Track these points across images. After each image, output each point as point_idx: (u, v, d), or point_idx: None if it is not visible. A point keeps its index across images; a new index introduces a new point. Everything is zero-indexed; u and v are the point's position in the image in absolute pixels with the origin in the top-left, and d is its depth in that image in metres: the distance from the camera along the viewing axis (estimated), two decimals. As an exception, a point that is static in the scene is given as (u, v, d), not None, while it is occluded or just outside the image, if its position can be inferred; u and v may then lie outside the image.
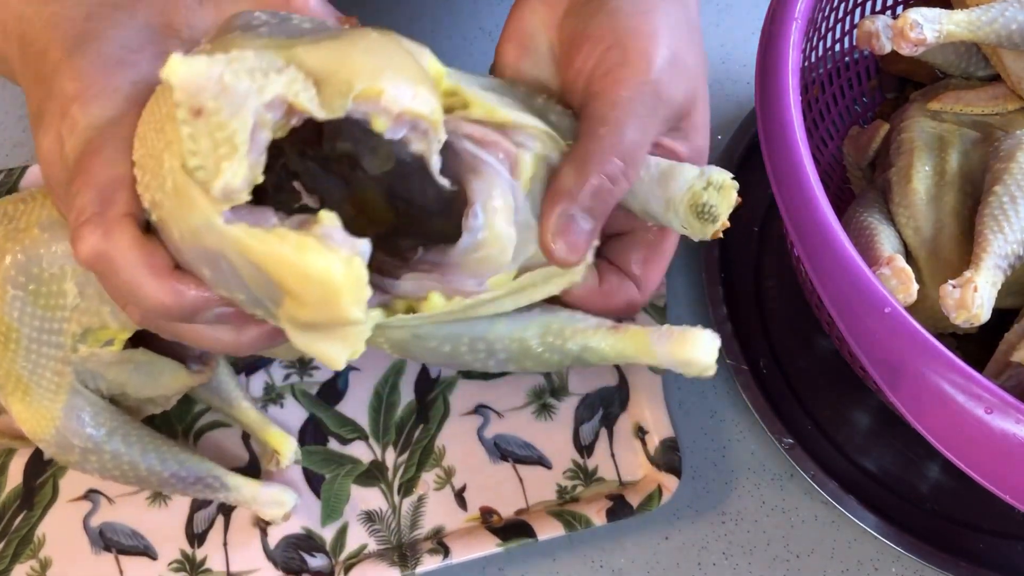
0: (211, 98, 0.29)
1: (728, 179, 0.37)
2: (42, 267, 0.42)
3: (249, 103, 0.29)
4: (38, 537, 0.48)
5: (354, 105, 0.31)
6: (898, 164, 0.50)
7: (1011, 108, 0.50)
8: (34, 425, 0.43)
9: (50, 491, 0.49)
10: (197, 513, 0.49)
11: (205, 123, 0.29)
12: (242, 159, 0.30)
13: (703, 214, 0.37)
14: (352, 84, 0.31)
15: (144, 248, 0.33)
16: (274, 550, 0.49)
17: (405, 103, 0.31)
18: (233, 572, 0.48)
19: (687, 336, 0.36)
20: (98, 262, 0.33)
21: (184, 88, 0.29)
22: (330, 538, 0.49)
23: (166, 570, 0.48)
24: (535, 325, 0.38)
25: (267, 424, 0.50)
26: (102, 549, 0.48)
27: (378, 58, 0.32)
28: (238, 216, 0.31)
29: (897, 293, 0.41)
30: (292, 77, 0.30)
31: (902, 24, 0.45)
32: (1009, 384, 0.43)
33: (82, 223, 0.33)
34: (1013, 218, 0.43)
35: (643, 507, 0.48)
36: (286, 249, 0.30)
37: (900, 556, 0.50)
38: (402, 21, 0.66)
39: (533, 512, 0.49)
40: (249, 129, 0.30)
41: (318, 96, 0.31)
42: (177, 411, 0.50)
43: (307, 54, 0.31)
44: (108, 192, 0.33)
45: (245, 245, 0.31)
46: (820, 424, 0.53)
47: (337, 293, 0.31)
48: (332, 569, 0.48)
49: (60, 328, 0.42)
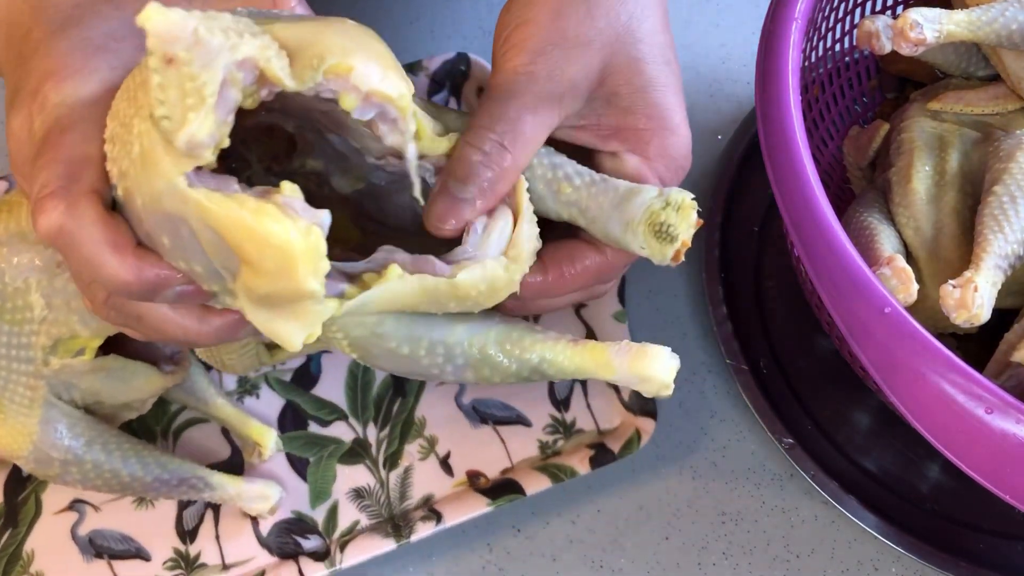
0: (184, 48, 0.29)
1: (688, 199, 0.37)
2: (5, 282, 0.41)
3: (221, 57, 0.29)
4: (27, 553, 0.48)
5: (323, 80, 0.31)
6: (898, 164, 0.50)
7: (1011, 108, 0.50)
8: (10, 442, 0.43)
9: (33, 506, 0.49)
10: (186, 510, 0.49)
11: (176, 72, 0.29)
12: (209, 111, 0.30)
13: (661, 234, 0.37)
14: (324, 58, 0.31)
15: (107, 224, 0.33)
16: (267, 537, 0.49)
17: (374, 83, 0.32)
18: (229, 563, 0.48)
19: (646, 352, 0.37)
20: (59, 236, 0.33)
21: (158, 35, 0.29)
22: (322, 519, 0.49)
23: (161, 570, 0.48)
24: (495, 332, 0.38)
25: (245, 418, 0.50)
26: (94, 556, 0.48)
27: (352, 40, 0.32)
28: (201, 180, 0.31)
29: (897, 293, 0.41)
30: (265, 43, 0.31)
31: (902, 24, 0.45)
32: (1009, 384, 0.43)
33: (45, 196, 0.33)
34: (1013, 218, 0.43)
35: (624, 451, 0.49)
36: (245, 214, 0.30)
37: (900, 556, 0.50)
38: (402, 22, 0.66)
39: (518, 469, 0.50)
40: (218, 82, 0.30)
41: (290, 67, 0.31)
42: (153, 413, 0.50)
43: (283, 29, 0.32)
44: (75, 168, 0.33)
45: (204, 208, 0.31)
46: (820, 424, 0.53)
47: (294, 261, 0.30)
48: (328, 548, 0.48)
49: (29, 342, 0.42)
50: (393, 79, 0.33)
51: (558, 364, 0.38)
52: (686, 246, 0.37)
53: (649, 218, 0.37)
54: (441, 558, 0.50)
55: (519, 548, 0.50)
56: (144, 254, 0.34)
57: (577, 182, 0.38)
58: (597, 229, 0.38)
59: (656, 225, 0.37)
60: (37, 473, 0.44)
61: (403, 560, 0.49)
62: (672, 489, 0.52)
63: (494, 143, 0.36)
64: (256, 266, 0.31)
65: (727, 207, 0.58)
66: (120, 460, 0.45)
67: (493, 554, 0.50)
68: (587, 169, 0.39)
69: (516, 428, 0.52)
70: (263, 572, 0.47)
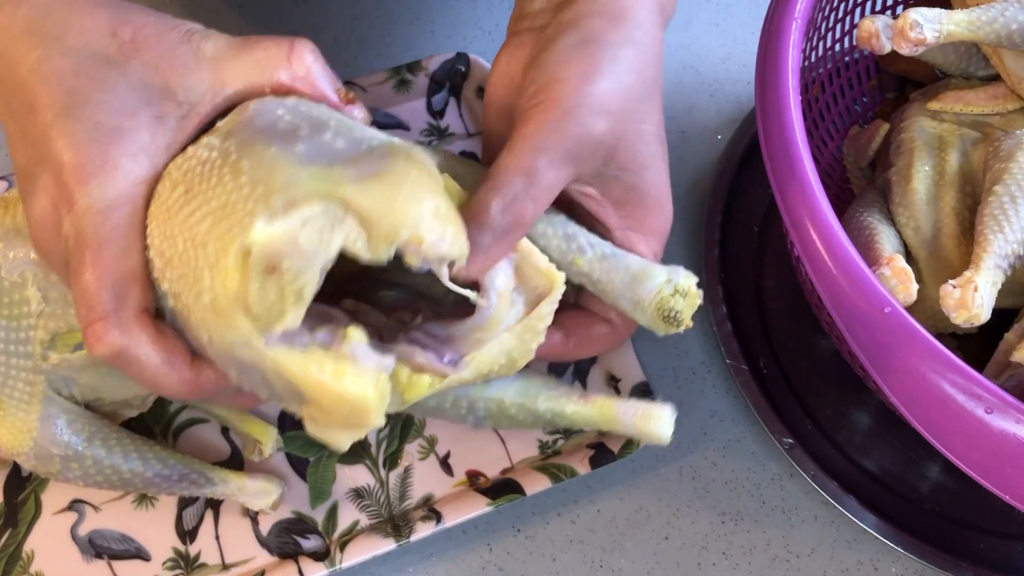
0: (285, 258, 0.31)
1: (693, 286, 0.41)
2: (1, 276, 0.41)
3: (318, 260, 0.32)
4: (27, 553, 0.48)
5: (397, 249, 0.33)
6: (898, 164, 0.50)
7: (1011, 108, 0.50)
8: (10, 440, 0.43)
9: (33, 506, 0.49)
10: (185, 510, 0.49)
11: (277, 279, 0.32)
12: (304, 306, 0.32)
13: (668, 318, 0.41)
14: (399, 233, 0.33)
15: (162, 345, 0.35)
16: (267, 537, 0.49)
17: (443, 250, 0.33)
18: (229, 563, 0.48)
19: (651, 415, 0.42)
20: (118, 359, 0.35)
21: (264, 252, 0.31)
22: (321, 519, 0.49)
23: (161, 570, 0.48)
24: (512, 390, 0.43)
25: (246, 415, 0.50)
26: (94, 557, 0.48)
27: (419, 205, 0.33)
28: (276, 338, 0.33)
29: (897, 293, 0.41)
30: (350, 229, 0.32)
31: (902, 24, 0.45)
32: (1009, 384, 0.43)
33: (97, 320, 0.34)
34: (1013, 218, 0.43)
35: (624, 451, 0.49)
36: (324, 376, 0.33)
37: (900, 556, 0.50)
38: (402, 22, 0.66)
39: (518, 469, 0.50)
40: (316, 284, 0.32)
41: (367, 241, 0.33)
42: (152, 413, 0.50)
43: (357, 195, 0.33)
44: (121, 288, 0.35)
45: (283, 367, 0.33)
46: (820, 424, 0.53)
47: (367, 412, 0.33)
48: (327, 548, 0.48)
49: (27, 337, 0.42)
50: (456, 239, 0.34)
51: (569, 417, 0.43)
52: (688, 326, 0.42)
53: (659, 304, 0.41)
54: (441, 558, 0.50)
55: (519, 548, 0.50)
56: (200, 366, 0.36)
57: (589, 254, 0.41)
58: (607, 298, 0.42)
59: (665, 310, 0.41)
60: (38, 470, 0.44)
61: (403, 560, 0.49)
62: (672, 489, 0.52)
63: (518, 192, 0.37)
64: (328, 412, 0.34)
65: (727, 207, 0.58)
66: (121, 456, 0.45)
67: (493, 554, 0.50)
68: (598, 240, 0.42)
69: (516, 428, 0.52)
70: (263, 572, 0.47)
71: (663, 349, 0.55)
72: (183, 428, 0.51)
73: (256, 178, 0.33)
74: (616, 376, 0.52)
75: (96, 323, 0.34)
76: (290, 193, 0.32)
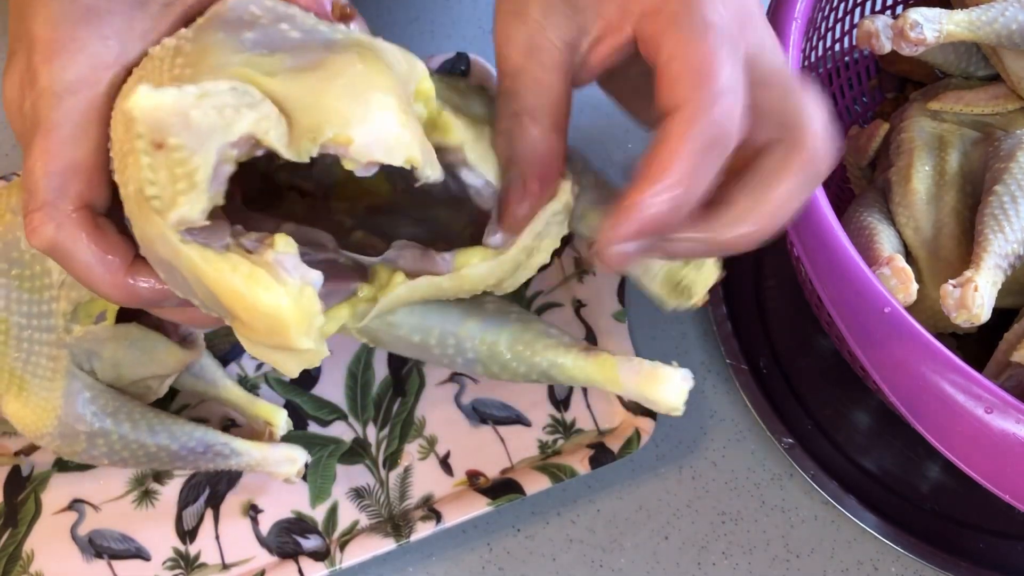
0: (173, 134, 0.28)
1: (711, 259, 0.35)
2: (21, 249, 0.41)
3: (214, 140, 0.28)
4: (27, 553, 0.48)
5: (321, 149, 0.29)
6: (898, 164, 0.50)
7: (1011, 108, 0.50)
8: (34, 420, 0.43)
9: (33, 506, 0.49)
10: (185, 510, 0.49)
11: (165, 157, 0.28)
12: (201, 194, 0.29)
13: (677, 289, 0.36)
14: (322, 130, 0.29)
15: (100, 244, 0.33)
16: (267, 536, 0.49)
17: (376, 155, 0.29)
18: (229, 563, 0.48)
19: (656, 375, 0.36)
20: (53, 252, 0.33)
21: (146, 121, 0.28)
22: (321, 518, 0.49)
23: (161, 569, 0.48)
24: (507, 332, 0.37)
25: (254, 399, 0.50)
26: (94, 556, 0.48)
27: (354, 101, 0.29)
28: (192, 234, 0.30)
29: (897, 293, 0.41)
30: (263, 114, 0.29)
31: (902, 24, 0.45)
32: (1009, 384, 0.43)
33: (34, 210, 0.32)
34: (1014, 218, 0.43)
35: (624, 451, 0.49)
36: (237, 279, 0.29)
37: (900, 556, 0.50)
38: (402, 22, 0.66)
39: (518, 469, 0.50)
40: (211, 166, 0.28)
41: (288, 135, 0.29)
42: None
43: (283, 86, 0.29)
44: (65, 179, 0.33)
45: (196, 267, 0.30)
46: (820, 424, 0.53)
47: (285, 326, 0.30)
48: (328, 548, 0.48)
49: (49, 309, 0.42)
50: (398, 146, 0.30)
51: (567, 371, 0.37)
52: (698, 305, 0.36)
53: (669, 270, 0.36)
54: (441, 558, 0.50)
55: (519, 548, 0.50)
56: (138, 272, 0.33)
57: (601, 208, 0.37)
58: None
59: (675, 279, 0.36)
60: (61, 451, 0.44)
61: (403, 560, 0.49)
62: (672, 489, 0.52)
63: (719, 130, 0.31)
64: (248, 325, 0.31)
65: (727, 207, 0.58)
66: (147, 430, 0.44)
67: (493, 554, 0.50)
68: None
69: (516, 428, 0.52)
70: (263, 572, 0.47)
71: (663, 349, 0.55)
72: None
73: (189, 61, 0.30)
74: None
75: (34, 213, 0.32)
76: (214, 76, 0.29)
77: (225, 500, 0.50)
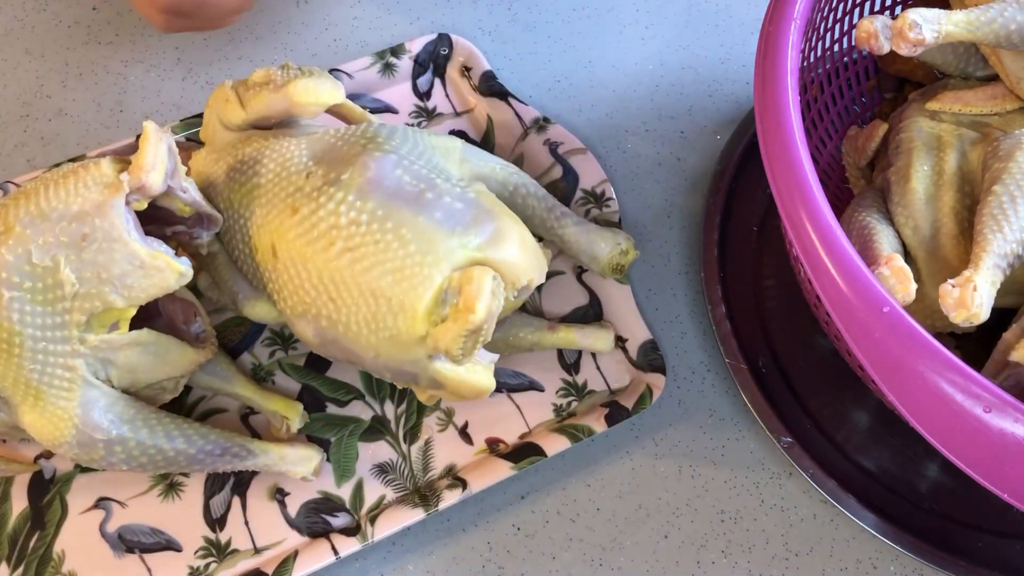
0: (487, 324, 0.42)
1: (632, 247, 0.54)
2: (33, 262, 0.41)
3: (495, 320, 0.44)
4: (57, 554, 0.48)
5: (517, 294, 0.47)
6: (897, 164, 0.50)
7: (1010, 108, 0.50)
8: (52, 430, 0.43)
9: (59, 508, 0.49)
10: (212, 499, 0.50)
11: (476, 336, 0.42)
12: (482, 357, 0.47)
13: (617, 268, 0.54)
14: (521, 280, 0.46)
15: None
16: (296, 518, 0.49)
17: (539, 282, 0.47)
18: (260, 547, 0.48)
19: (594, 334, 0.53)
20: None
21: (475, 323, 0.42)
22: (348, 496, 0.50)
23: (194, 559, 0.48)
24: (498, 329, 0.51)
25: (269, 394, 0.51)
26: (125, 552, 0.48)
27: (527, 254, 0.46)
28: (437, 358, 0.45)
29: (895, 292, 0.41)
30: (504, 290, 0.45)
31: (901, 24, 0.45)
32: (1008, 383, 0.43)
33: None
34: (1012, 217, 0.43)
35: (637, 407, 0.51)
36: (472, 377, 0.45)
37: (899, 555, 0.50)
38: (402, 22, 0.66)
39: (536, 433, 0.51)
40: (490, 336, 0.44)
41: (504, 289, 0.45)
42: (171, 405, 0.50)
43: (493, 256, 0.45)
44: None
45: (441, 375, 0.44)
46: (819, 423, 0.53)
47: (488, 391, 0.46)
48: (358, 523, 0.49)
49: (63, 321, 0.42)
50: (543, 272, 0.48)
51: (545, 344, 0.53)
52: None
53: (611, 259, 0.53)
54: (441, 556, 0.50)
55: (519, 547, 0.50)
56: None
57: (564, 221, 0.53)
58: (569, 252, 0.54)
59: (615, 264, 0.54)
60: (80, 459, 0.44)
61: (403, 559, 0.49)
62: (671, 488, 0.52)
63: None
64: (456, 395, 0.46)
65: (726, 206, 0.58)
66: (164, 436, 0.45)
67: (493, 553, 0.50)
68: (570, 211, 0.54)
69: (530, 394, 0.53)
70: (296, 552, 0.47)
71: (662, 349, 0.55)
72: (203, 418, 0.52)
73: (423, 248, 0.43)
74: (623, 336, 0.54)
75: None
76: (452, 260, 0.43)
77: (251, 487, 0.50)
